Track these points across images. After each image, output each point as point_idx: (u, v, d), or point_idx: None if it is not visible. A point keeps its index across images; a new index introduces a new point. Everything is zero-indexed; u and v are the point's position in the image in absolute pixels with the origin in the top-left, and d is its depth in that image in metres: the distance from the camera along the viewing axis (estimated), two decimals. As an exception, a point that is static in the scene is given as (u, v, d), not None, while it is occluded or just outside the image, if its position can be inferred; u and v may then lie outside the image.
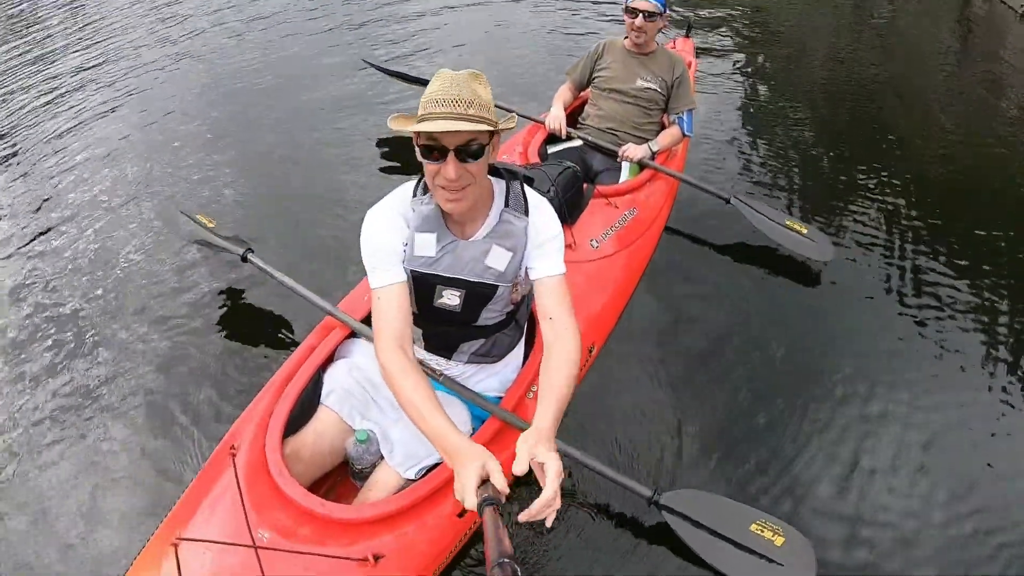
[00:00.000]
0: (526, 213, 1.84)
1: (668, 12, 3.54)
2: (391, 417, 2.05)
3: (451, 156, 1.59)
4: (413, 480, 1.98)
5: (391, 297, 1.74)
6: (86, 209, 4.22)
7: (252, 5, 7.79)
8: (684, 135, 3.68)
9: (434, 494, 1.91)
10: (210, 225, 3.07)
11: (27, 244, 3.91)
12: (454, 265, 1.83)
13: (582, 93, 3.88)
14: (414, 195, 1.84)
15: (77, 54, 7.00)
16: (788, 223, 3.53)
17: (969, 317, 3.58)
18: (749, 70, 6.84)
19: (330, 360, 2.30)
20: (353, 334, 2.35)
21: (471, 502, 1.37)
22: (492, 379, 2.19)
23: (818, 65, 7.54)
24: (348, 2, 7.77)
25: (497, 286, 1.86)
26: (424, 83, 4.20)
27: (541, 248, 1.84)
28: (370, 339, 2.16)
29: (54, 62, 6.88)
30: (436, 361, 2.14)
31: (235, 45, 6.66)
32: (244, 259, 2.80)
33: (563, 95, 3.74)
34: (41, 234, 3.98)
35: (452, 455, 1.46)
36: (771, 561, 1.99)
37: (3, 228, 4.14)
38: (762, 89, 6.40)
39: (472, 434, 2.06)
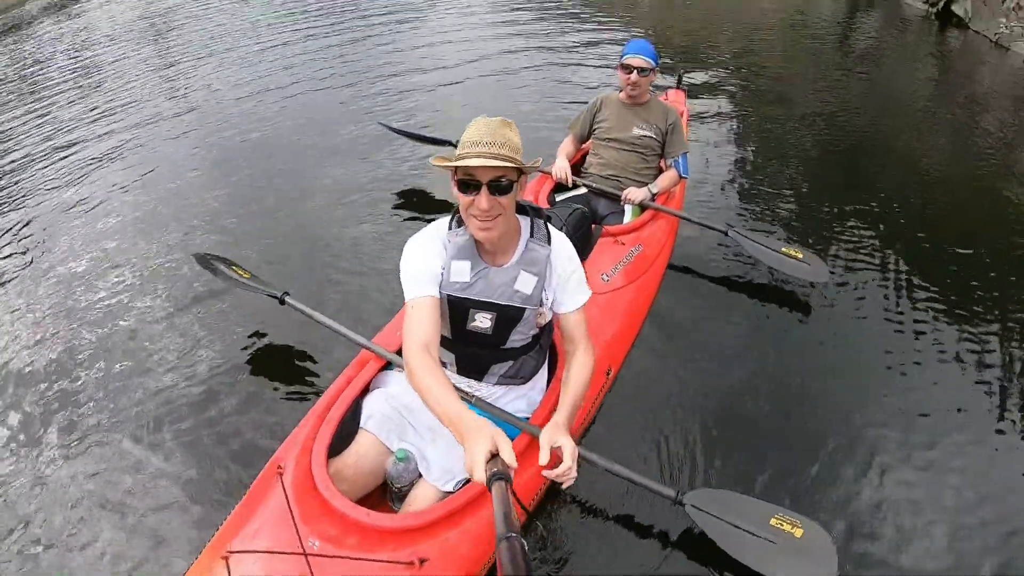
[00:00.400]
0: (549, 243, 2.07)
1: (658, 66, 3.81)
2: (426, 438, 2.15)
3: (484, 189, 1.84)
4: (451, 492, 2.06)
5: (422, 308, 1.92)
6: (123, 255, 4.44)
7: (261, 75, 8.35)
8: (681, 177, 3.94)
9: (473, 501, 1.98)
10: (245, 277, 3.27)
11: (73, 293, 4.08)
12: (486, 290, 2.03)
13: (584, 145, 4.14)
14: (450, 228, 2.06)
15: (103, 113, 7.53)
16: (784, 250, 3.76)
17: (957, 324, 3.80)
18: (737, 112, 7.23)
19: (366, 390, 2.39)
20: (387, 366, 2.46)
21: (479, 474, 1.44)
22: (520, 400, 2.31)
23: (803, 102, 7.90)
24: (355, 70, 8.25)
25: (524, 308, 2.05)
26: (436, 142, 4.68)
27: (564, 286, 2.08)
28: (403, 369, 2.22)
29: (77, 121, 7.42)
30: (468, 384, 2.26)
31: (252, 110, 7.14)
32: (282, 301, 2.96)
33: (566, 147, 4.00)
34: (82, 282, 4.22)
35: (463, 432, 1.54)
36: (792, 551, 2.07)
37: (56, 273, 4.34)
38: (750, 129, 6.86)
39: None
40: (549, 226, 2.13)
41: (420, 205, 4.75)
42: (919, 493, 2.71)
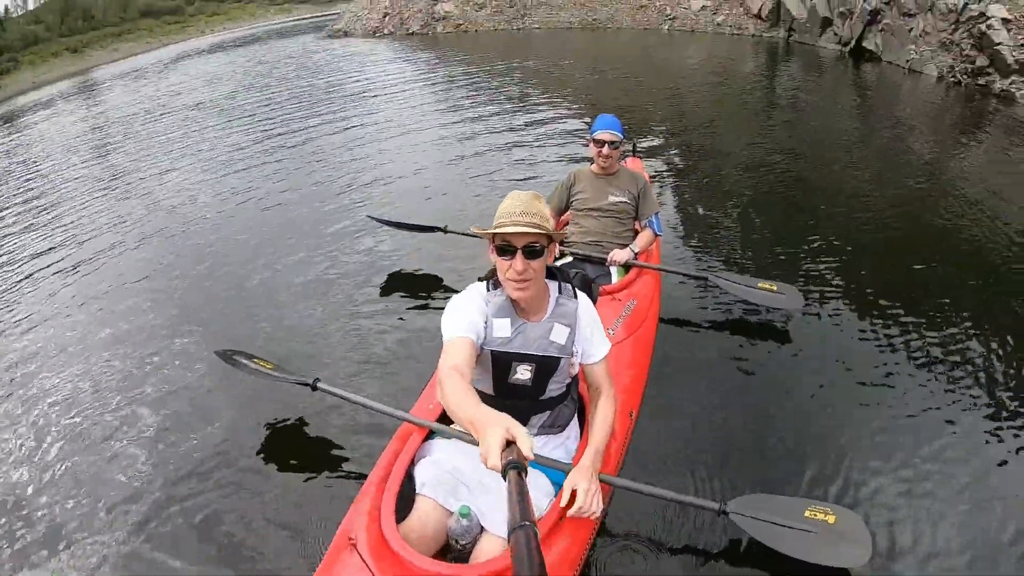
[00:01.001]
0: (575, 298, 2.30)
1: (625, 138, 4.06)
2: (481, 493, 2.18)
3: (519, 254, 2.04)
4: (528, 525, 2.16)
5: (458, 345, 2.06)
6: (134, 364, 4.42)
7: (226, 182, 8.46)
8: (656, 235, 4.18)
9: (546, 541, 2.01)
10: (269, 367, 3.29)
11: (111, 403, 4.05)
12: (525, 343, 2.20)
13: (562, 217, 4.35)
14: (488, 290, 2.24)
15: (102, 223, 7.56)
16: (760, 285, 4.03)
17: (914, 328, 4.16)
18: (689, 168, 7.65)
19: (412, 461, 2.43)
20: (429, 435, 2.49)
21: (494, 461, 1.43)
22: (559, 449, 2.40)
23: (746, 150, 8.39)
24: (324, 167, 8.47)
25: (560, 358, 2.22)
26: (426, 229, 4.86)
27: (591, 338, 2.29)
28: (445, 436, 2.38)
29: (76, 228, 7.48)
30: None
31: (232, 215, 7.23)
32: (314, 387, 2.98)
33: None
34: (99, 404, 4.11)
35: (479, 425, 1.56)
36: (831, 537, 2.23)
37: (77, 395, 4.22)
38: (703, 182, 7.22)
39: (554, 497, 2.21)
40: (573, 285, 2.36)
41: (422, 286, 4.95)
42: (921, 482, 2.96)
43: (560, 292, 2.30)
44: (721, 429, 3.31)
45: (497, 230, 2.07)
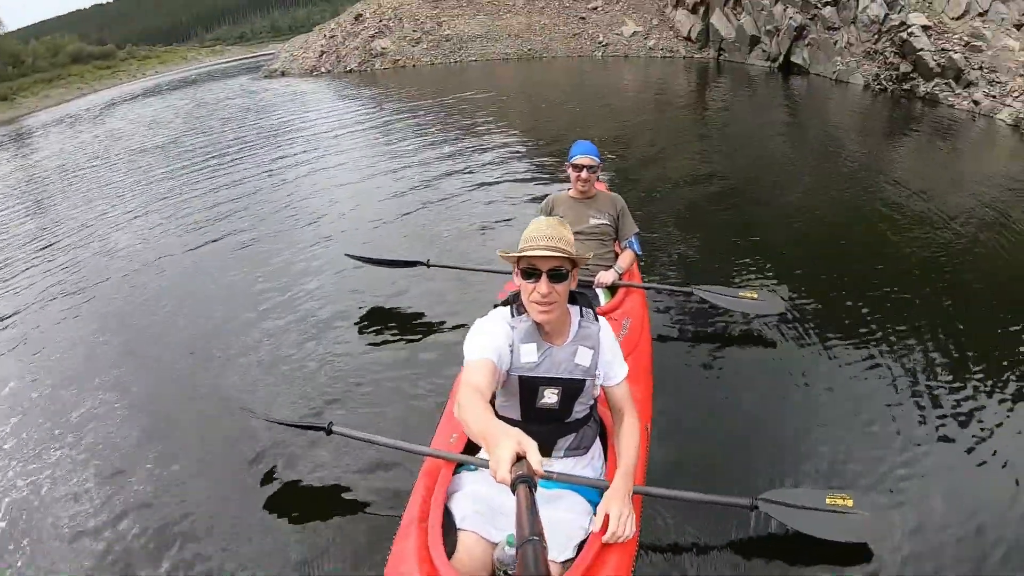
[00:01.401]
0: (597, 321, 2.34)
1: (602, 162, 4.12)
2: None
3: (544, 277, 2.10)
4: (572, 558, 2.09)
5: (479, 365, 2.07)
6: (153, 409, 4.23)
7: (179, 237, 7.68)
8: (637, 255, 4.20)
9: (599, 556, 2.05)
10: (279, 417, 3.31)
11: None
12: (552, 367, 2.22)
13: None
14: (512, 315, 2.27)
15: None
16: (741, 294, 4.18)
17: (876, 324, 4.35)
18: (634, 187, 7.61)
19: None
20: (457, 468, 2.46)
21: (503, 474, 1.44)
22: (586, 470, 2.42)
23: (684, 165, 8.48)
24: (295, 208, 7.97)
25: (585, 380, 2.26)
26: (407, 264, 4.73)
27: (612, 360, 2.33)
28: (470, 468, 2.39)
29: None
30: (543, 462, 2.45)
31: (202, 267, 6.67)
32: (329, 432, 2.96)
33: None
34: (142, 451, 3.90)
35: (491, 440, 1.58)
36: (850, 515, 2.48)
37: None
38: (649, 198, 7.27)
39: (591, 514, 2.22)
40: (594, 309, 2.39)
41: (414, 321, 4.77)
42: (915, 463, 3.12)
43: (582, 315, 2.34)
44: (728, 432, 3.42)
45: (523, 254, 2.13)
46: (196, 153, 12.15)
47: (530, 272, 2.13)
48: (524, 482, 1.42)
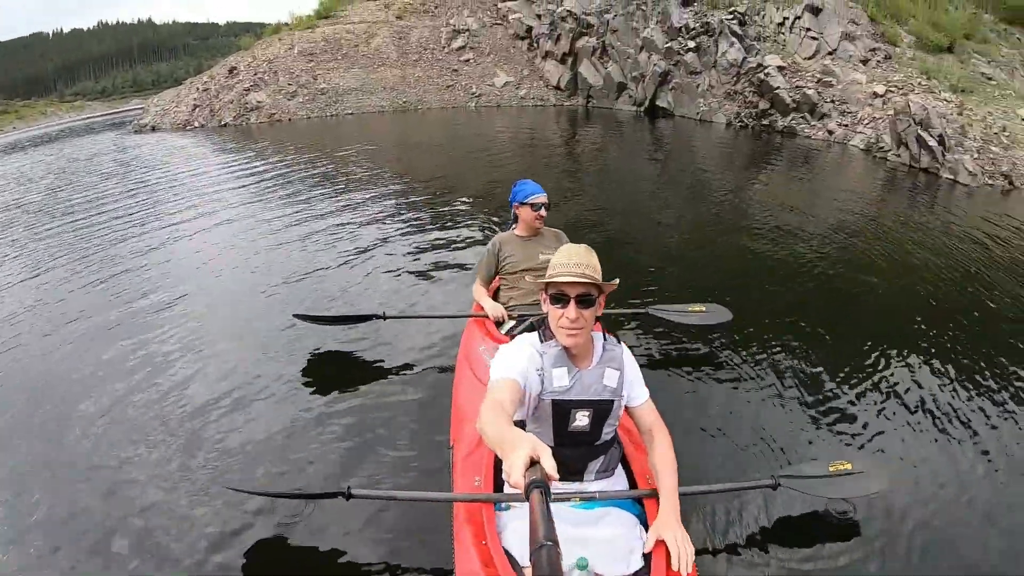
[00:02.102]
0: (619, 343, 2.40)
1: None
2: (580, 543, 2.13)
3: (572, 303, 2.15)
4: (642, 567, 2.12)
5: (503, 384, 2.10)
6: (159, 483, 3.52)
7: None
8: None
9: (666, 560, 2.06)
10: (295, 491, 3.04)
11: None
12: (582, 390, 2.25)
13: (492, 284, 4.35)
14: (541, 341, 2.30)
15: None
16: (691, 309, 4.41)
17: (808, 325, 4.76)
18: (583, 219, 7.60)
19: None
20: (495, 506, 2.38)
21: (516, 478, 1.44)
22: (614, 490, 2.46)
23: (558, 202, 8.18)
24: (218, 267, 6.70)
25: (613, 400, 2.29)
26: (362, 319, 4.55)
27: (633, 382, 2.37)
28: (504, 507, 2.32)
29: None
30: (573, 488, 2.35)
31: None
32: (348, 497, 2.67)
33: (481, 291, 4.23)
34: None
35: (507, 445, 1.59)
36: (859, 477, 2.75)
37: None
38: (602, 229, 7.24)
39: (638, 528, 2.26)
40: (617, 335, 2.45)
41: (385, 376, 4.36)
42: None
43: (605, 339, 2.41)
44: (714, 432, 3.57)
45: (551, 279, 2.20)
46: (80, 211, 10.07)
47: (558, 297, 2.20)
48: (538, 487, 1.41)
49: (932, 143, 10.24)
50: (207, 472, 3.53)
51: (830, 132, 12.54)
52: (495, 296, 4.33)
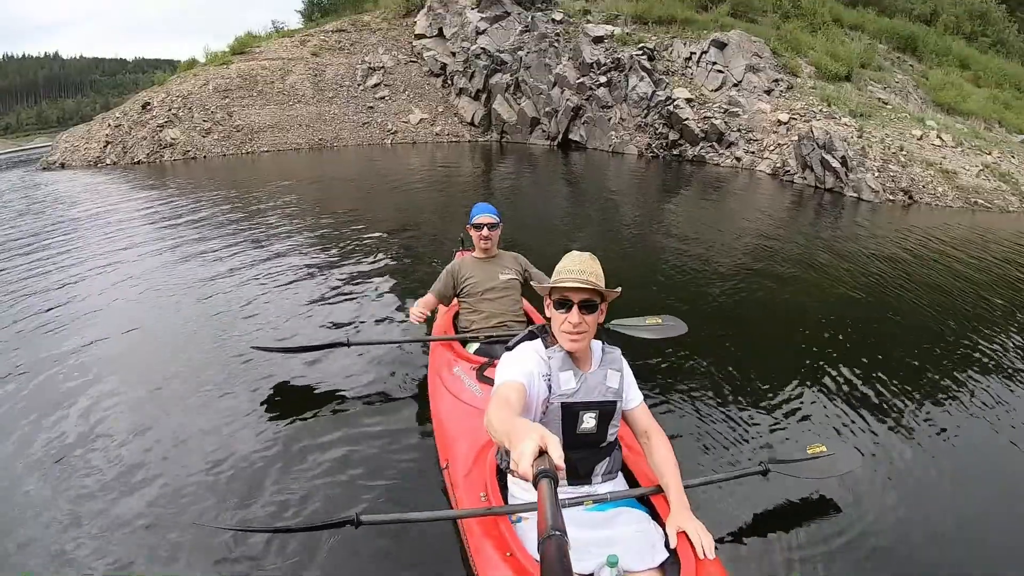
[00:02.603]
0: (615, 347, 2.46)
1: (502, 221, 4.23)
2: (605, 542, 2.18)
3: (575, 308, 2.21)
4: (667, 557, 2.17)
5: (509, 386, 2.12)
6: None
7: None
8: None
9: (691, 550, 2.12)
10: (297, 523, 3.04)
11: None
12: (588, 392, 2.31)
13: (451, 305, 4.37)
14: (546, 347, 2.34)
15: None
16: (648, 321, 4.37)
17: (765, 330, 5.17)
18: (427, 259, 7.26)
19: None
20: (509, 519, 2.37)
21: (524, 467, 1.46)
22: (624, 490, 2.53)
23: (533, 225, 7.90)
24: (158, 302, 5.81)
25: (616, 401, 2.36)
26: (325, 347, 4.43)
27: (631, 385, 2.44)
28: (518, 520, 2.33)
29: None
30: (583, 491, 2.37)
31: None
32: (358, 524, 2.46)
33: (424, 300, 4.14)
34: None
35: (514, 436, 1.58)
36: (831, 458, 2.95)
37: None
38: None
39: (651, 523, 2.29)
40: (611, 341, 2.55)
41: (356, 401, 4.19)
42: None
43: (603, 344, 2.47)
44: (694, 432, 3.73)
45: (555, 284, 2.27)
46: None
47: (562, 303, 2.27)
48: (546, 476, 1.43)
49: (835, 164, 10.39)
50: (194, 511, 3.27)
51: (738, 159, 12.72)
52: (455, 319, 4.37)
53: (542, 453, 1.48)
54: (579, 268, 2.25)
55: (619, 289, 2.38)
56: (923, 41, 17.97)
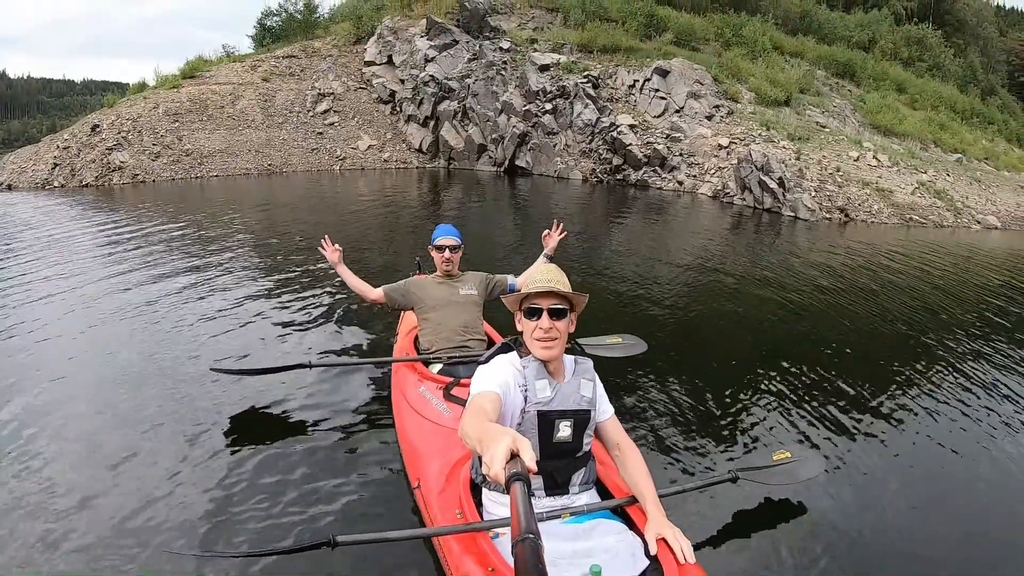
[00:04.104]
0: (587, 359, 2.52)
1: (463, 243, 4.19)
2: (583, 557, 2.18)
3: (545, 314, 2.27)
4: (647, 567, 2.16)
5: (484, 396, 2.13)
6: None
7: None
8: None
9: (670, 556, 2.14)
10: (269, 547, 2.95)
11: None
12: (563, 401, 2.34)
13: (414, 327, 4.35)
14: (519, 358, 2.38)
15: None
16: (608, 341, 4.43)
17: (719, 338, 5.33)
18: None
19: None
20: (488, 535, 2.36)
21: (497, 469, 1.45)
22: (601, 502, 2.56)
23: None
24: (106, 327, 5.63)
25: (590, 411, 2.40)
26: (287, 368, 4.31)
27: (602, 396, 2.48)
28: (496, 537, 2.32)
29: None
30: (561, 503, 2.38)
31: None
32: (333, 546, 2.42)
33: (374, 293, 4.20)
34: None
35: (486, 439, 1.61)
36: (796, 465, 3.06)
37: None
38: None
39: (629, 532, 2.33)
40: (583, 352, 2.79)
41: (321, 422, 4.09)
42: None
43: (575, 356, 2.51)
44: (656, 446, 3.74)
45: (525, 291, 2.33)
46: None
47: (532, 311, 2.31)
48: (519, 479, 1.42)
49: (773, 185, 10.48)
50: (159, 539, 3.14)
51: (680, 183, 12.82)
52: (415, 342, 4.32)
53: (514, 457, 1.49)
54: (546, 277, 2.33)
55: (586, 295, 2.42)
56: (861, 67, 18.52)
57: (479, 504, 2.45)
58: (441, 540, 2.48)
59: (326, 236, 4.21)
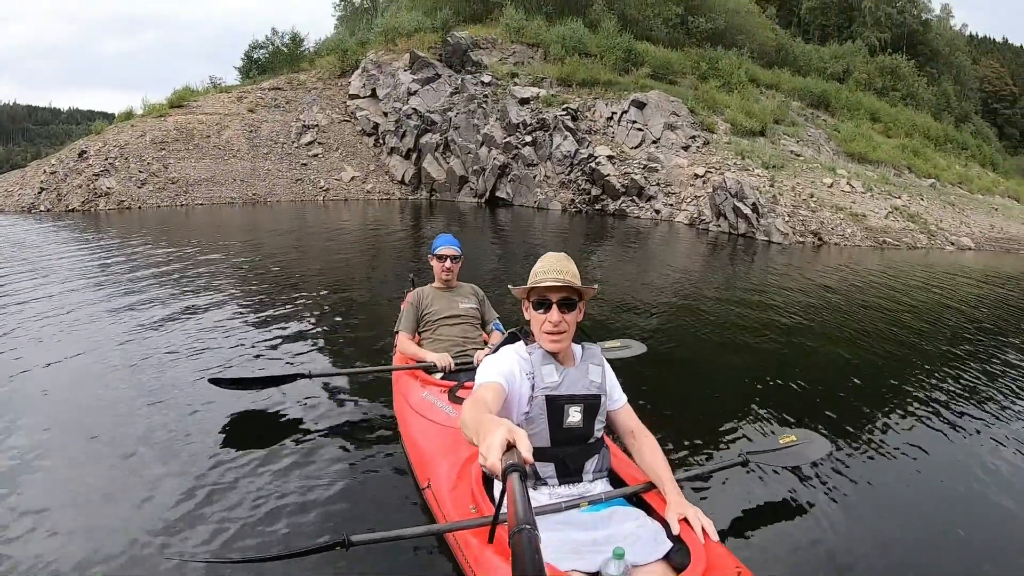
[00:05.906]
0: (595, 345, 2.50)
1: (463, 254, 4.27)
2: (606, 538, 2.17)
3: (554, 307, 2.25)
4: (670, 549, 2.16)
5: (487, 386, 2.13)
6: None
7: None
8: (503, 334, 3.94)
9: (711, 549, 2.12)
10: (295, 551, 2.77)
11: None
12: (571, 385, 2.31)
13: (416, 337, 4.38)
14: (527, 345, 2.36)
15: None
16: (607, 345, 4.37)
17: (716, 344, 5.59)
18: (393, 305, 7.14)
19: None
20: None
21: (494, 459, 1.45)
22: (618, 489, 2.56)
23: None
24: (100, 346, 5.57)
25: (600, 396, 2.37)
26: (287, 379, 4.35)
27: (614, 384, 2.47)
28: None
29: None
30: (578, 492, 2.37)
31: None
32: (347, 547, 2.41)
33: (412, 344, 4.20)
34: None
35: (482, 430, 1.61)
36: (803, 446, 3.15)
37: None
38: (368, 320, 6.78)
39: (649, 518, 2.32)
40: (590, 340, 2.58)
41: (321, 432, 4.06)
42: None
43: (583, 344, 2.49)
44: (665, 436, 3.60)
45: (533, 284, 2.29)
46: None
47: (541, 303, 2.28)
48: (515, 470, 1.42)
49: (747, 211, 10.64)
50: (169, 545, 3.09)
51: (657, 211, 12.99)
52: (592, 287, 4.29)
53: (511, 448, 1.49)
54: (556, 268, 2.27)
55: (596, 286, 2.41)
56: (835, 97, 18.95)
57: (493, 498, 2.43)
58: (457, 535, 2.45)
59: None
